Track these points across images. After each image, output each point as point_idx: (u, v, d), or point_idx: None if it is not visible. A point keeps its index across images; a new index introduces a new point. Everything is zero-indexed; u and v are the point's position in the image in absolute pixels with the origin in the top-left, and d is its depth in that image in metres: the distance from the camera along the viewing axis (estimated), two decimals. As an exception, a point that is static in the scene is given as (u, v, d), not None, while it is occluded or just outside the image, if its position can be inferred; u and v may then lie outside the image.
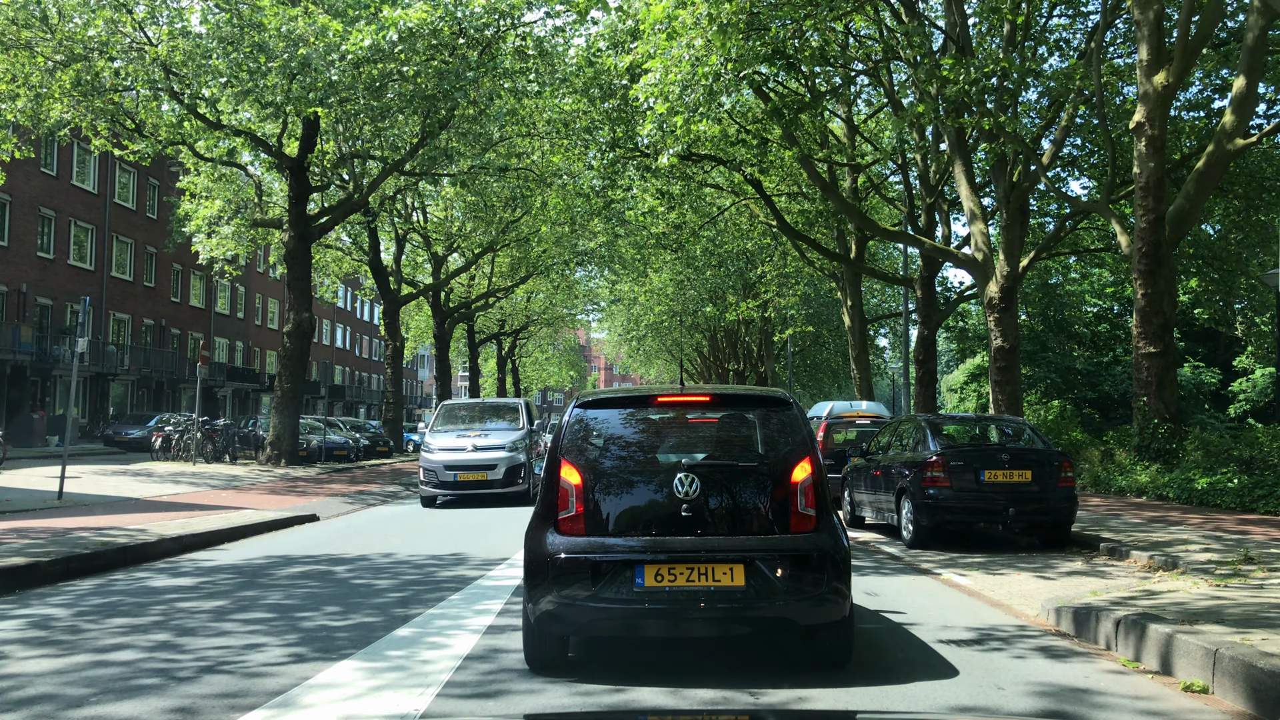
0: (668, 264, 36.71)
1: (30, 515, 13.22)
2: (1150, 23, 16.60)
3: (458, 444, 17.53)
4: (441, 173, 25.04)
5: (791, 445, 5.63)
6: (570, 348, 77.52)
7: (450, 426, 18.47)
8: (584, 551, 5.31)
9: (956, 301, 34.08)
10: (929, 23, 22.46)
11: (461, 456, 17.33)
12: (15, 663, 5.83)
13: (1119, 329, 45.22)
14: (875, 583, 9.01)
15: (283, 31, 17.64)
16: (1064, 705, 5.04)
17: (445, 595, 8.10)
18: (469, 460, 17.28)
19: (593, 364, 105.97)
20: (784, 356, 47.22)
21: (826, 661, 5.60)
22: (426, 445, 17.86)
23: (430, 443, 17.84)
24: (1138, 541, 10.69)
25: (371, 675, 5.50)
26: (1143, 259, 17.26)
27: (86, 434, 38.67)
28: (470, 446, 17.45)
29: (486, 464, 17.26)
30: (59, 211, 37.44)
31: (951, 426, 13.82)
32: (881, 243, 34.00)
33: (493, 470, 17.25)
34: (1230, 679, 5.06)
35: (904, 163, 26.90)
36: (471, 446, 17.43)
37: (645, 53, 14.68)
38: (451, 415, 19.25)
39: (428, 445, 17.82)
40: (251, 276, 54.63)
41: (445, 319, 41.00)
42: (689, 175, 26.49)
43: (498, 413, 19.42)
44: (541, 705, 4.96)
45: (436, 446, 17.58)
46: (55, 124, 21.02)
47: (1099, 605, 6.71)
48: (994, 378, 21.49)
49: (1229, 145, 16.74)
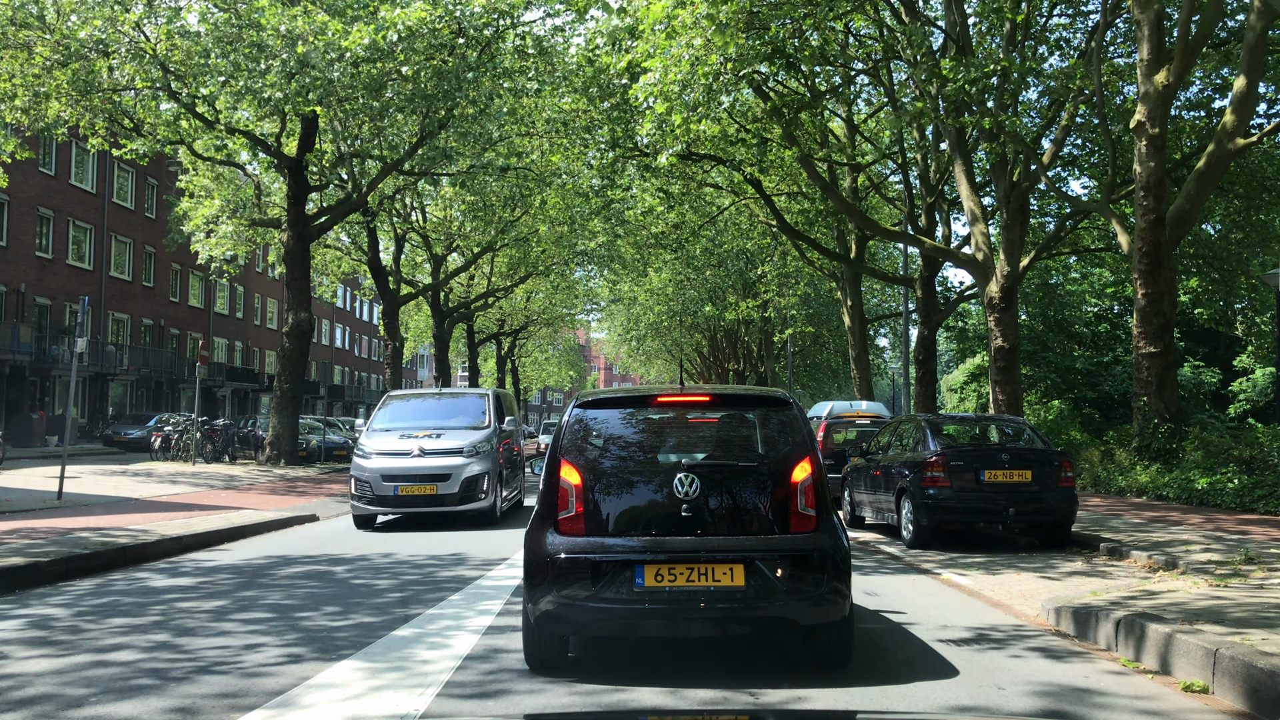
0: (667, 264, 36.69)
1: (30, 515, 13.22)
2: (1150, 22, 16.60)
3: (400, 447, 13.81)
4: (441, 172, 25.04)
5: (791, 445, 5.63)
6: (570, 348, 77.54)
7: (394, 425, 14.68)
8: (584, 551, 5.31)
9: (956, 301, 34.07)
10: (929, 22, 22.46)
11: (404, 464, 13.61)
12: (15, 663, 5.83)
13: (1119, 329, 45.22)
14: (875, 583, 9.00)
15: (282, 31, 17.64)
16: (1064, 705, 5.03)
17: (445, 595, 8.10)
18: (413, 469, 13.57)
19: (593, 364, 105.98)
20: (784, 356, 47.22)
21: (826, 661, 5.60)
22: (360, 449, 14.07)
23: (365, 445, 14.06)
24: (1138, 541, 10.69)
25: (371, 675, 5.49)
26: (1143, 259, 17.26)
27: (86, 434, 38.66)
28: (416, 450, 13.74)
29: (436, 473, 13.57)
30: (57, 211, 37.42)
31: (951, 426, 13.83)
32: (881, 243, 34.01)
33: (444, 481, 13.54)
34: (1230, 679, 5.06)
35: (904, 162, 26.90)
36: (418, 450, 13.73)
37: (645, 52, 14.68)
38: (397, 411, 15.30)
39: (361, 449, 14.02)
40: (251, 276, 54.63)
41: (445, 319, 40.99)
42: (689, 175, 26.49)
43: (457, 407, 15.39)
44: (542, 705, 4.96)
45: (373, 450, 13.82)
46: (53, 122, 21.02)
47: (1099, 605, 6.71)
48: (994, 378, 21.49)
49: (1229, 145, 16.74)
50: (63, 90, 20.00)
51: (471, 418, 14.86)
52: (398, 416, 15.03)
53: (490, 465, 13.94)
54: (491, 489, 13.92)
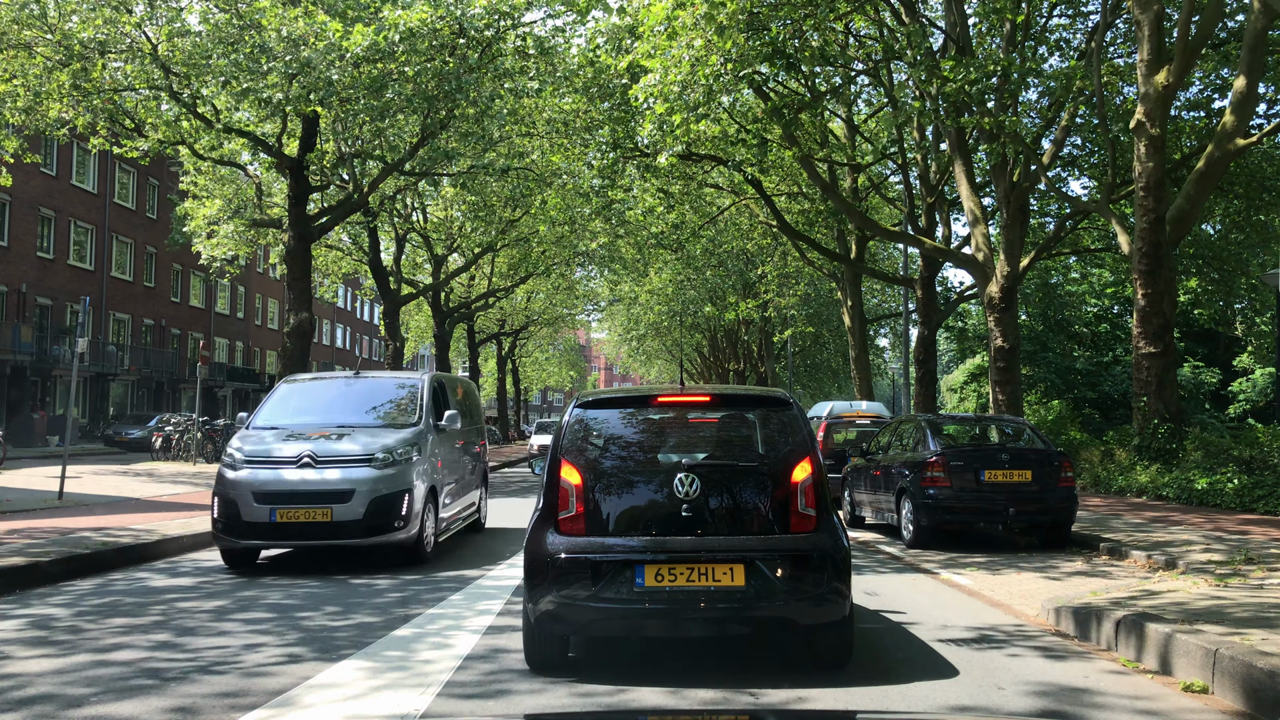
0: (668, 264, 36.72)
1: (31, 515, 13.22)
2: (1150, 23, 16.61)
3: (282, 452, 9.74)
4: (442, 173, 25.05)
5: (791, 445, 5.64)
6: (570, 348, 77.57)
7: (282, 421, 10.51)
8: (584, 551, 5.32)
9: (956, 301, 34.09)
10: (929, 22, 22.46)
11: (285, 477, 9.56)
12: (16, 662, 5.83)
13: (1119, 329, 45.23)
14: (875, 582, 9.01)
15: (283, 32, 17.65)
16: (1064, 705, 5.04)
17: (445, 595, 8.11)
18: (298, 485, 9.50)
19: (593, 364, 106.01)
20: (784, 356, 47.23)
21: (826, 661, 5.61)
22: (228, 454, 9.98)
23: (235, 450, 9.93)
24: (1138, 541, 10.69)
25: (372, 675, 5.50)
26: (1143, 259, 17.26)
27: (86, 434, 38.67)
28: (304, 457, 9.63)
29: (331, 490, 9.47)
30: (59, 211, 37.44)
31: (951, 426, 13.83)
32: (881, 243, 34.01)
33: (343, 503, 9.44)
34: (1229, 679, 5.06)
35: (904, 163, 26.91)
36: (306, 457, 9.62)
37: (645, 52, 14.69)
38: (288, 401, 11.01)
39: (229, 455, 9.93)
40: (251, 276, 54.65)
41: (445, 319, 41.00)
42: (689, 175, 26.50)
43: (374, 396, 11.22)
44: (542, 705, 4.97)
45: (244, 456, 9.78)
46: (54, 123, 21.03)
47: (1099, 605, 6.71)
48: (994, 378, 21.49)
49: (1229, 145, 16.74)
50: (64, 90, 20.02)
51: (393, 412, 10.83)
52: (289, 410, 10.79)
53: (416, 479, 9.81)
54: (417, 513, 9.74)
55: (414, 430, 10.33)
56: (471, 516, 12.57)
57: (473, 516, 12.64)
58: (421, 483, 9.98)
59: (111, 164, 39.94)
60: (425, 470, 10.12)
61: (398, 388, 11.28)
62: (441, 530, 10.81)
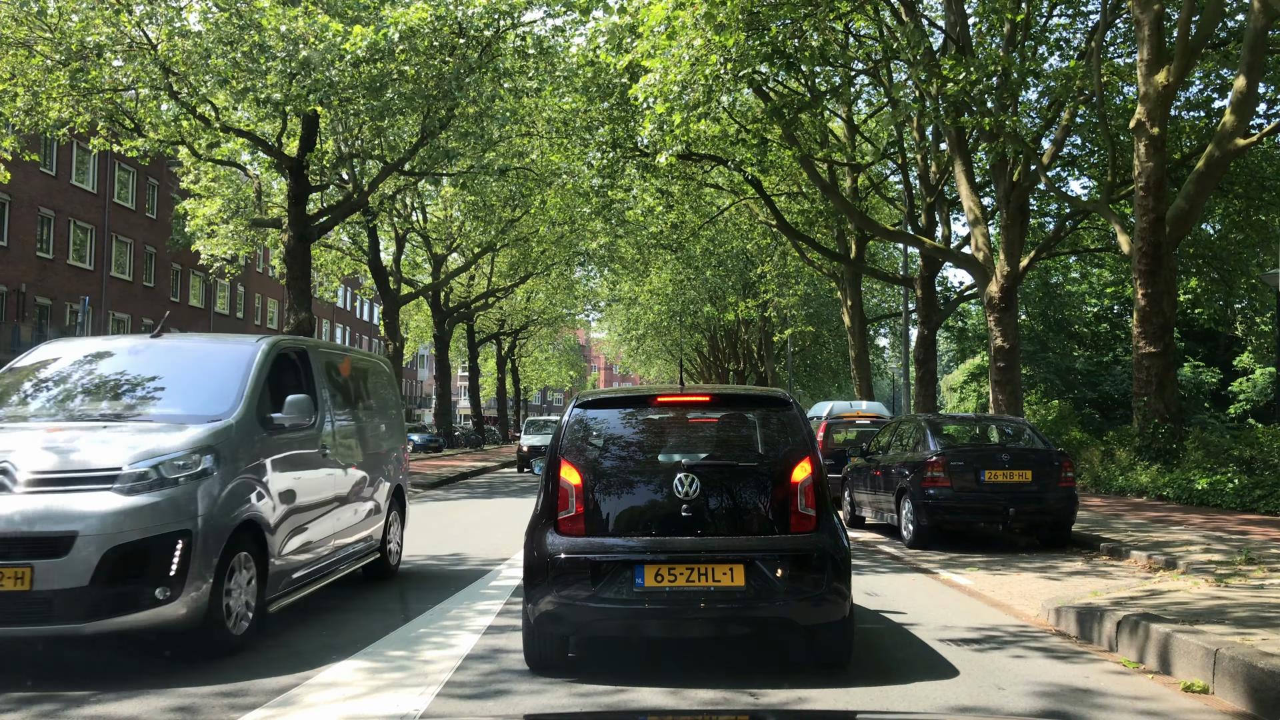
0: (668, 264, 36.73)
1: None
2: (1150, 22, 16.60)
3: None
4: (441, 172, 25.04)
5: (791, 445, 5.64)
6: (570, 348, 77.55)
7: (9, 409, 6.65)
8: (584, 552, 5.32)
9: (956, 301, 34.07)
10: (929, 22, 22.45)
11: None
12: (16, 662, 5.82)
13: (1119, 329, 45.25)
14: (875, 583, 9.00)
15: (282, 31, 17.65)
16: (1064, 705, 5.04)
17: (445, 595, 8.10)
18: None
19: (593, 364, 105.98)
20: (784, 356, 47.21)
21: (826, 661, 5.61)
22: None
23: None
24: (1138, 541, 10.69)
25: (372, 675, 5.50)
26: (1143, 259, 17.26)
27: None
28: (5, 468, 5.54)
29: (29, 536, 5.33)
30: (58, 211, 37.43)
31: (951, 426, 13.82)
32: (881, 243, 34.00)
33: (52, 555, 5.31)
34: (1230, 679, 5.06)
35: (904, 162, 26.90)
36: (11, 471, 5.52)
37: (645, 52, 14.67)
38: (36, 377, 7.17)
39: None
40: (251, 276, 54.65)
41: (445, 319, 41.00)
42: (689, 175, 26.49)
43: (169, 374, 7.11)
44: (542, 705, 4.96)
45: None
46: (54, 123, 21.02)
47: (1100, 605, 6.71)
48: (994, 378, 21.48)
49: (1229, 145, 16.73)
50: (63, 90, 20.01)
51: (191, 396, 6.75)
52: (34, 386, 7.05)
53: (203, 509, 5.77)
54: (202, 572, 5.67)
55: (213, 428, 6.16)
56: (366, 556, 8.47)
57: (369, 556, 8.53)
58: (220, 516, 5.88)
59: (111, 164, 39.93)
60: (233, 493, 6.04)
61: (214, 359, 7.40)
62: (281, 591, 6.69)
